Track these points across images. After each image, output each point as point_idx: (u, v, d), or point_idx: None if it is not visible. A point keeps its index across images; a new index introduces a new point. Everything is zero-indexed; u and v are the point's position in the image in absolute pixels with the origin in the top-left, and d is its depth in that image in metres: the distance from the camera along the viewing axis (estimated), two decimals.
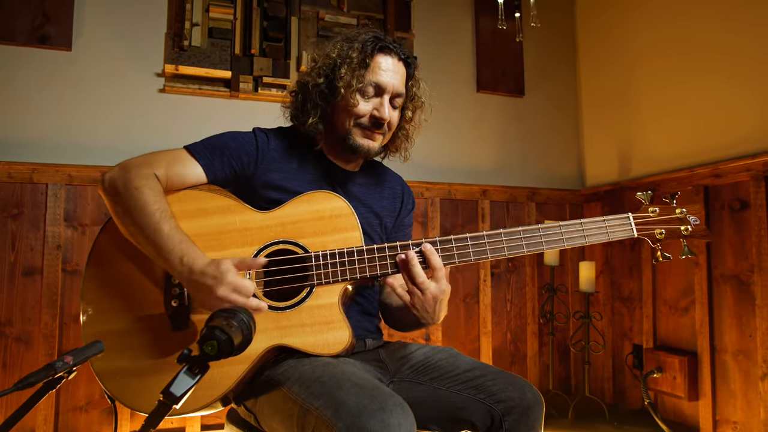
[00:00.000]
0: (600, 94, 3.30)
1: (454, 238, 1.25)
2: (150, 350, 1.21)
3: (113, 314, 1.24)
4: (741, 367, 2.36)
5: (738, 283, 2.39)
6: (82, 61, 2.51)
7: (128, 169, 1.25)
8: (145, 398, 1.18)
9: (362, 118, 1.37)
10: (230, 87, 2.68)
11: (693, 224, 1.29)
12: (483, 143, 3.19)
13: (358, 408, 0.97)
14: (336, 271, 1.22)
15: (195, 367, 0.91)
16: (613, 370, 3.07)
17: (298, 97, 1.43)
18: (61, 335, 2.34)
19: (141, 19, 2.61)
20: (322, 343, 1.19)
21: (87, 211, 2.43)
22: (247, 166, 1.36)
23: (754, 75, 2.39)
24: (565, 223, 1.26)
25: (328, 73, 1.38)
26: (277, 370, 1.19)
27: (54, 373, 0.95)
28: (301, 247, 1.25)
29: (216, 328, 0.90)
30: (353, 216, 1.27)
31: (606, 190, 3.12)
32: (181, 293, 1.22)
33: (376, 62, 1.37)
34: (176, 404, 0.87)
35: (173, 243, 1.17)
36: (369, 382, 1.07)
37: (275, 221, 1.27)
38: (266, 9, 2.76)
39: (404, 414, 0.99)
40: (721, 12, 2.55)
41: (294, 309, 1.22)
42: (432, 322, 1.27)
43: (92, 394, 2.37)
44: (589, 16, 3.40)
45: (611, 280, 3.10)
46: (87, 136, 2.49)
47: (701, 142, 2.62)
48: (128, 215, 1.20)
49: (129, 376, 1.20)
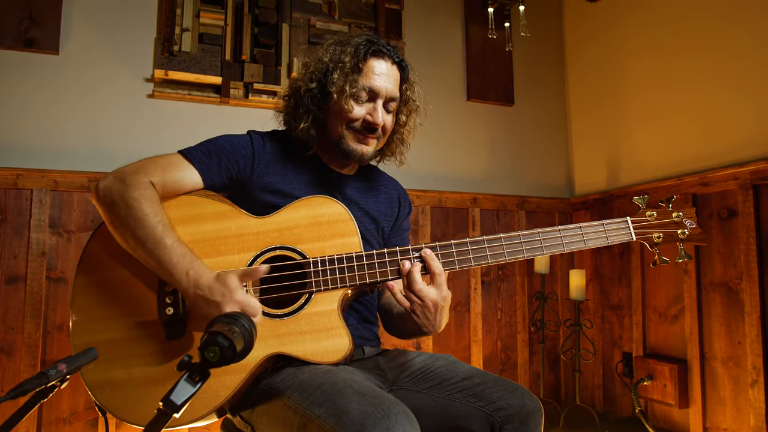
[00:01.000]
0: (588, 103, 3.33)
1: (454, 243, 1.24)
2: (143, 360, 1.18)
3: (104, 323, 1.21)
4: (731, 374, 2.38)
5: (727, 291, 2.41)
6: (70, 66, 2.47)
7: (123, 177, 1.22)
8: (139, 409, 1.15)
9: (355, 122, 1.36)
10: (220, 93, 2.65)
11: (689, 228, 1.29)
12: (473, 151, 3.20)
13: (362, 416, 0.95)
14: (335, 277, 1.20)
15: (195, 375, 0.88)
16: (603, 379, 3.07)
17: (290, 102, 1.42)
18: (44, 345, 2.27)
19: (130, 24, 2.58)
20: (321, 351, 1.17)
21: (73, 217, 2.38)
22: (243, 170, 1.34)
23: (742, 85, 2.42)
24: (564, 227, 1.26)
25: (321, 78, 1.37)
26: (276, 379, 1.17)
27: (47, 381, 0.92)
28: (298, 253, 1.23)
29: (218, 334, 0.88)
30: (352, 221, 1.25)
31: (595, 198, 3.14)
32: (176, 301, 1.19)
33: (369, 66, 1.36)
34: (177, 413, 0.84)
35: (177, 257, 1.15)
36: (371, 389, 1.05)
37: (272, 227, 1.25)
38: (257, 15, 2.75)
39: (409, 422, 0.97)
40: (709, 23, 2.59)
41: (292, 316, 1.19)
42: (433, 330, 1.25)
43: (76, 406, 2.31)
44: (576, 25, 3.44)
45: (601, 289, 3.11)
46: (74, 141, 2.44)
47: (689, 150, 2.65)
48: (125, 227, 1.18)
49: (121, 387, 1.17)
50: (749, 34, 2.40)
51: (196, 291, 1.13)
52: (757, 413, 2.23)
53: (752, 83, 2.38)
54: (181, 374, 0.88)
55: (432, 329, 1.25)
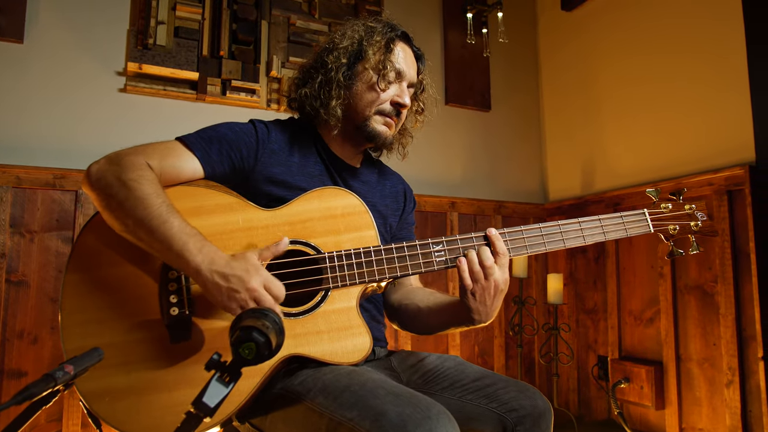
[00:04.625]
0: (562, 109, 3.39)
1: None
2: (145, 365, 1.08)
3: (100, 325, 1.10)
4: (706, 375, 2.44)
5: (702, 294, 2.47)
6: (35, 55, 2.31)
7: (118, 159, 1.13)
8: (141, 420, 1.05)
9: (384, 103, 1.33)
10: (197, 89, 2.55)
11: (701, 220, 1.30)
12: (452, 155, 3.19)
13: (401, 418, 0.89)
14: (353, 273, 1.14)
15: (225, 374, 0.81)
16: (578, 382, 3.10)
17: (318, 79, 1.34)
18: (3, 354, 2.10)
19: (101, 14, 2.44)
20: (341, 351, 1.11)
21: (36, 216, 2.22)
22: (247, 159, 1.26)
23: (716, 93, 2.50)
24: (584, 219, 1.25)
25: (351, 55, 1.32)
26: (293, 382, 1.09)
27: (54, 384, 0.82)
28: (313, 248, 1.17)
29: (253, 329, 0.81)
30: (367, 213, 1.20)
31: (570, 203, 3.18)
32: (180, 300, 1.09)
33: (399, 48, 1.35)
34: (210, 416, 0.76)
35: (186, 234, 1.04)
36: (403, 389, 0.99)
37: (283, 220, 1.18)
38: (236, 11, 2.66)
39: (450, 423, 0.93)
40: (683, 24, 2.67)
41: (309, 315, 1.12)
42: (484, 318, 1.19)
43: (36, 420, 2.14)
44: (550, 31, 3.50)
45: (575, 293, 3.15)
46: (39, 135, 2.28)
47: (664, 157, 2.72)
48: (124, 210, 1.07)
49: (121, 396, 1.06)
50: (725, 30, 2.48)
51: (211, 268, 1.02)
52: (733, 413, 2.29)
53: (726, 95, 2.46)
54: (210, 375, 0.81)
55: (484, 317, 1.19)
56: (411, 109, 1.44)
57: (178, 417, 1.07)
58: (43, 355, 2.17)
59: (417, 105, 1.45)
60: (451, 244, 1.18)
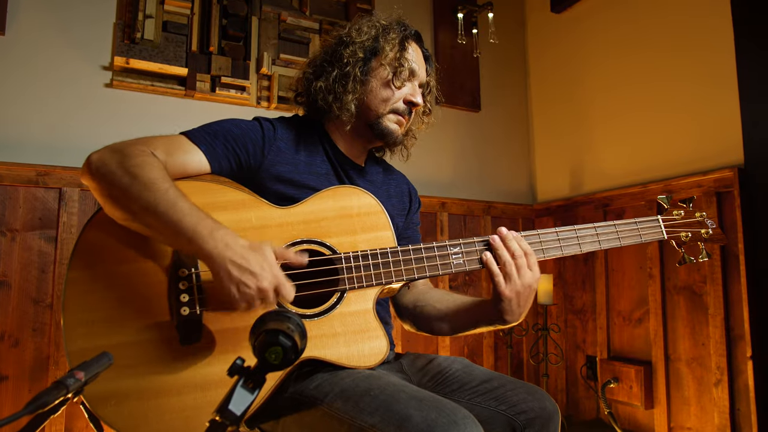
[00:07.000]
0: (550, 110, 3.41)
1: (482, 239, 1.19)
2: (153, 368, 1.03)
3: (105, 326, 1.05)
4: (695, 374, 2.47)
5: (691, 294, 2.50)
6: (17, 48, 2.22)
7: (120, 148, 1.08)
8: (148, 424, 1.00)
9: (398, 102, 1.31)
10: (186, 85, 2.48)
11: (711, 228, 1.31)
12: (442, 156, 3.18)
13: (427, 422, 0.87)
14: (370, 274, 1.12)
15: (249, 380, 0.77)
16: (567, 383, 3.12)
17: (333, 73, 1.31)
18: None
19: (87, 6, 2.36)
20: (357, 355, 1.08)
21: (18, 214, 2.13)
22: (254, 156, 1.22)
23: (706, 95, 2.54)
24: (599, 224, 1.24)
25: (367, 50, 1.30)
26: (308, 386, 1.06)
27: (66, 392, 0.77)
28: (328, 248, 1.13)
29: (279, 332, 0.77)
30: (384, 214, 1.17)
31: (558, 204, 3.20)
32: (191, 300, 1.05)
33: (413, 48, 1.35)
34: (237, 424, 0.73)
35: (197, 217, 0.99)
36: (426, 393, 0.97)
37: (297, 218, 1.14)
38: (226, 6, 2.60)
39: (477, 428, 0.91)
40: (671, 27, 2.70)
41: (324, 317, 1.09)
42: (514, 317, 1.17)
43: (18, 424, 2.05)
44: (539, 33, 3.52)
45: (564, 294, 3.17)
46: (21, 131, 2.19)
47: (653, 158, 2.75)
48: (128, 196, 1.02)
49: (128, 400, 1.01)
50: (714, 33, 2.52)
51: (226, 252, 0.96)
52: (721, 412, 2.32)
53: (716, 98, 2.50)
54: (234, 380, 0.77)
55: (515, 316, 1.17)
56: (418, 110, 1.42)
57: (187, 422, 1.04)
58: (24, 358, 2.08)
59: (424, 106, 1.43)
60: (468, 247, 1.16)
